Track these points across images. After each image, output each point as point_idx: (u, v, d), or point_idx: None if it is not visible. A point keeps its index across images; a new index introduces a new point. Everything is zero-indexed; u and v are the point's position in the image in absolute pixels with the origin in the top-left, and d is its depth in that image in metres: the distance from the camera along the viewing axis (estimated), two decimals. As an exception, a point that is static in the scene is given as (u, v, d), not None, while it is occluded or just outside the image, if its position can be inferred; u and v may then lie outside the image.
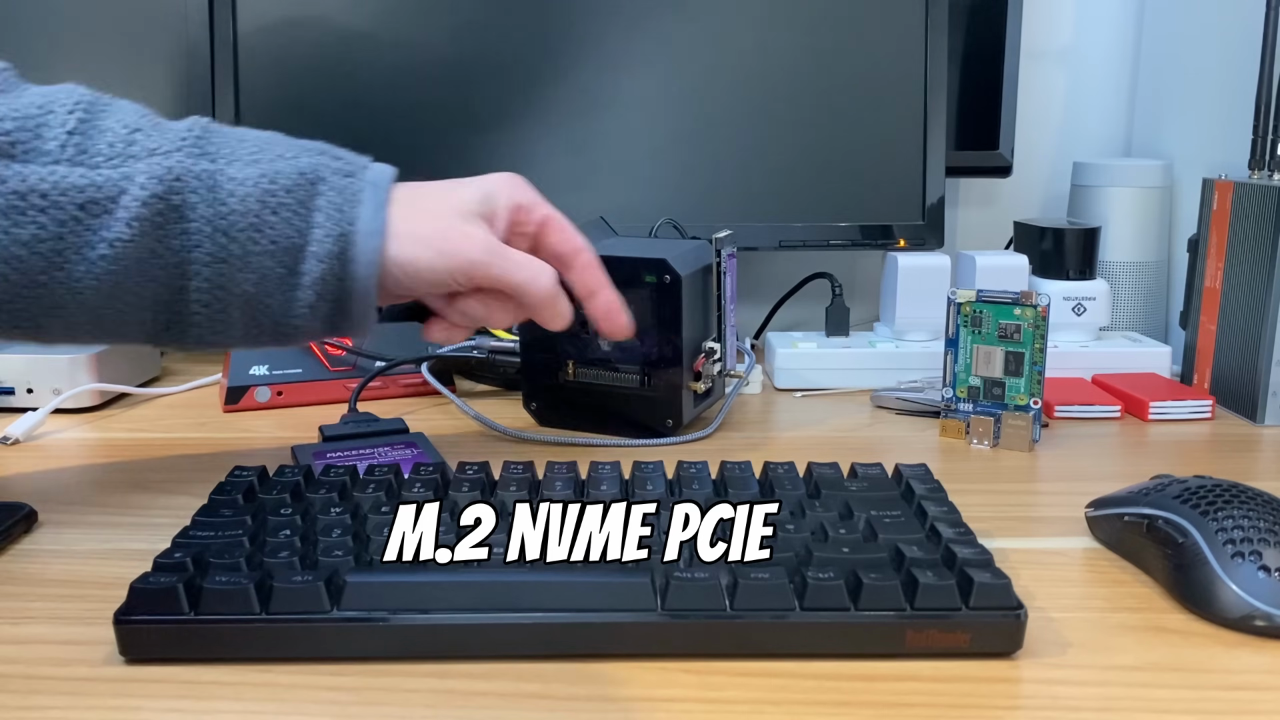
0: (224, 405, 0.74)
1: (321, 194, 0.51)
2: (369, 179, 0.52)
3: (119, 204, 0.48)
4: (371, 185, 0.52)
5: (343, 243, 0.50)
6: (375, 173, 0.53)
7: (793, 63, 0.83)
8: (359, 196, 0.51)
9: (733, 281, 0.68)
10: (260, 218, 0.49)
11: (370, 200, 0.51)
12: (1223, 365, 0.74)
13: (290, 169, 0.51)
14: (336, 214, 0.50)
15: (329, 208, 0.50)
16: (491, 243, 0.53)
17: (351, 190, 0.51)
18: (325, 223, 0.50)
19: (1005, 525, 0.53)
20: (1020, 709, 0.37)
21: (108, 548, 0.51)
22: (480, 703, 0.38)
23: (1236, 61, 0.82)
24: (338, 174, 0.51)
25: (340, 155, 0.53)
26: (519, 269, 0.54)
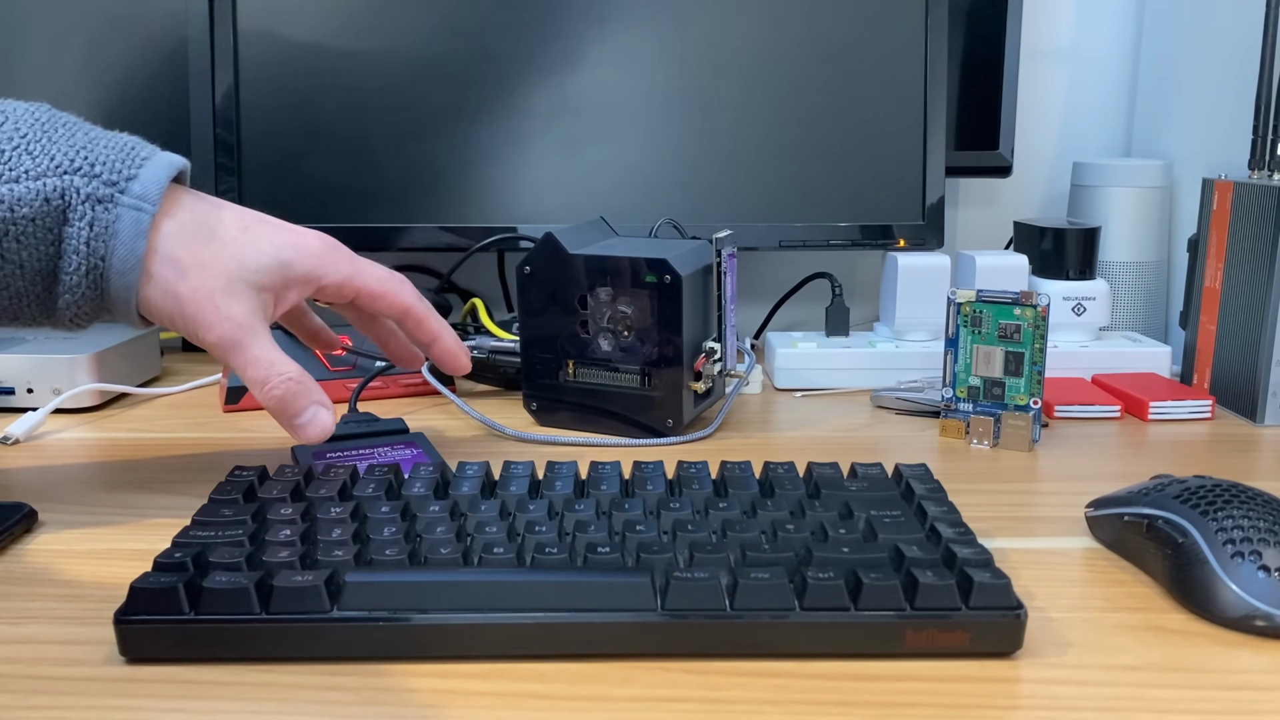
0: (224, 405, 0.74)
1: (70, 223, 0.47)
2: (128, 201, 0.48)
3: None
4: (131, 210, 0.48)
5: (94, 276, 0.48)
6: (142, 186, 0.49)
7: (793, 63, 0.83)
8: (113, 228, 0.48)
9: (733, 281, 0.68)
10: (3, 246, 0.47)
11: (127, 230, 0.48)
12: (1223, 365, 0.74)
13: (33, 194, 0.47)
14: (85, 249, 0.47)
15: (77, 241, 0.47)
16: (235, 331, 0.49)
17: (104, 221, 0.47)
18: (74, 257, 0.47)
19: (1005, 525, 0.53)
20: (1020, 709, 0.37)
21: (108, 548, 0.51)
22: (480, 703, 0.38)
23: (1236, 61, 0.82)
24: (89, 200, 0.47)
25: (98, 170, 0.48)
26: (250, 367, 0.50)
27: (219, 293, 0.49)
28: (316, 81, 0.83)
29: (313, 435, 0.52)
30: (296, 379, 0.51)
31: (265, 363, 0.50)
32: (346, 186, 0.84)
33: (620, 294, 0.65)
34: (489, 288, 0.99)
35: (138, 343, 0.79)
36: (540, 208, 0.84)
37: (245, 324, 0.50)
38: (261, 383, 0.50)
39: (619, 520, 0.46)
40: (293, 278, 0.52)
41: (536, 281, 0.67)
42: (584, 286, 0.66)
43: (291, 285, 0.52)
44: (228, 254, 0.50)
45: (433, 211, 0.84)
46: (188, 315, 0.49)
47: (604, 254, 0.66)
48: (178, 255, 0.49)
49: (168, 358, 0.88)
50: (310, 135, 0.83)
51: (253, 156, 0.83)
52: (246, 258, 0.50)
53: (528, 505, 0.48)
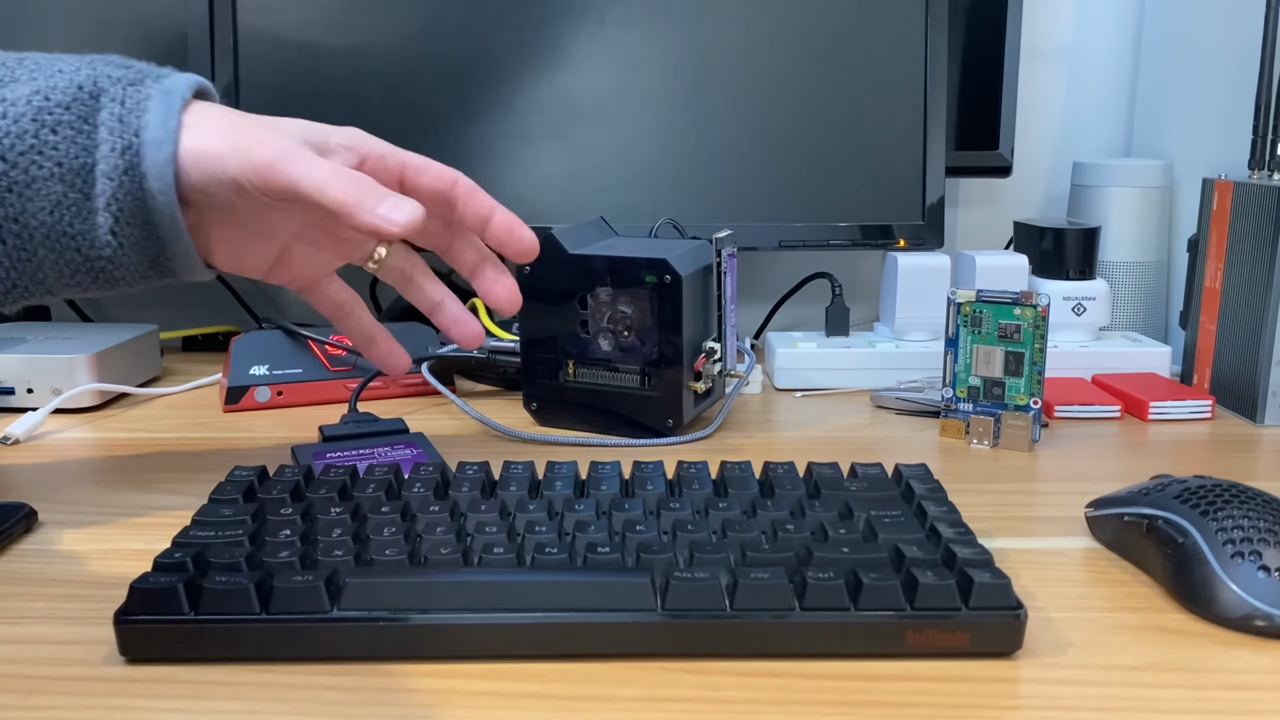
0: (224, 405, 0.74)
1: (104, 107, 0.46)
2: (159, 87, 0.48)
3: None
4: (162, 92, 0.47)
5: (129, 155, 0.46)
6: (172, 80, 0.48)
7: (793, 62, 0.83)
8: (144, 105, 0.47)
9: (733, 281, 0.68)
10: (39, 138, 0.45)
11: (158, 107, 0.47)
12: (1223, 365, 0.74)
13: (67, 83, 0.46)
14: (118, 125, 0.46)
15: (111, 120, 0.46)
16: (289, 146, 0.48)
17: (135, 99, 0.47)
18: (109, 137, 0.46)
19: (1005, 525, 0.53)
20: (1020, 709, 0.37)
21: (108, 548, 0.51)
22: (480, 703, 0.38)
23: (1236, 61, 0.82)
24: (120, 83, 0.47)
25: (130, 64, 0.48)
26: (312, 171, 0.47)
27: (261, 129, 0.48)
28: (316, 81, 0.83)
29: (404, 217, 0.48)
30: (352, 178, 0.48)
31: (322, 164, 0.48)
32: (346, 186, 0.84)
33: (620, 294, 0.65)
34: (489, 288, 0.99)
35: (138, 343, 0.79)
36: (540, 208, 0.84)
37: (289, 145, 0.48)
38: (327, 178, 0.47)
39: (619, 520, 0.46)
40: (334, 141, 0.51)
41: (536, 281, 0.67)
42: (584, 286, 0.66)
43: (333, 148, 0.51)
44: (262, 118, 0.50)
45: (433, 211, 0.84)
46: (232, 144, 0.47)
47: (604, 254, 0.66)
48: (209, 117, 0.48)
49: (168, 358, 0.88)
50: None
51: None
52: (280, 121, 0.50)
53: (528, 505, 0.48)
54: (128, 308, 1.02)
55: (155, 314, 1.02)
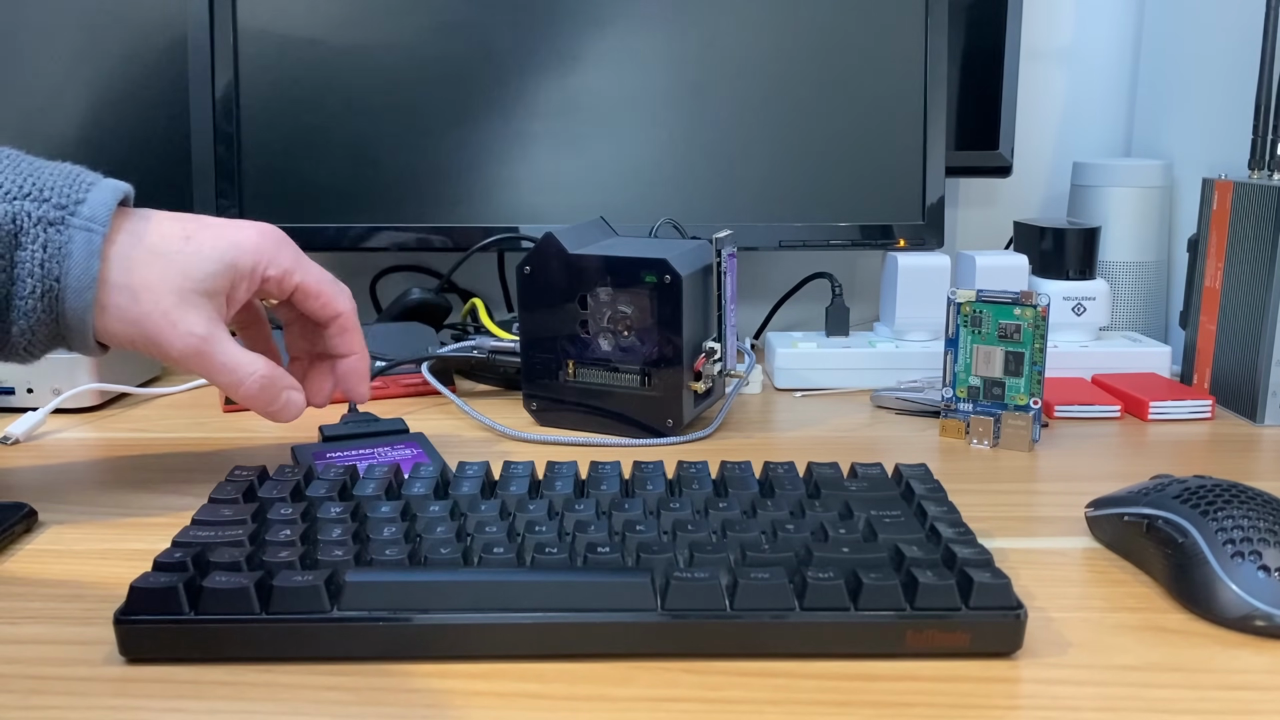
0: (224, 405, 0.74)
1: (23, 246, 0.48)
2: (78, 223, 0.49)
3: None
4: (83, 231, 0.49)
5: (49, 298, 0.49)
6: (90, 209, 0.49)
7: (793, 62, 0.83)
8: (65, 249, 0.48)
9: (733, 281, 0.68)
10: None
11: (79, 251, 0.49)
12: (1223, 365, 0.74)
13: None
14: (40, 270, 0.48)
15: (31, 263, 0.48)
16: (198, 343, 0.51)
17: (56, 243, 0.48)
18: (29, 279, 0.48)
19: (1005, 525, 0.53)
20: (1020, 709, 0.37)
21: (108, 548, 0.51)
22: (480, 703, 0.38)
23: (1236, 61, 0.82)
24: (41, 223, 0.48)
25: (47, 195, 0.49)
26: (220, 373, 0.52)
27: (173, 310, 0.50)
28: (316, 81, 0.83)
29: (289, 416, 0.55)
30: (264, 373, 0.53)
31: (233, 367, 0.52)
32: (346, 186, 0.84)
33: (620, 294, 0.65)
34: (489, 288, 0.99)
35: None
36: (540, 208, 0.84)
37: (204, 333, 0.51)
38: (235, 386, 0.53)
39: (619, 520, 0.46)
40: (239, 276, 0.53)
41: (536, 281, 0.67)
42: (584, 286, 0.66)
43: (239, 283, 0.53)
44: (174, 269, 0.51)
45: (433, 211, 0.84)
46: (149, 337, 0.51)
47: (604, 254, 0.66)
48: (127, 281, 0.50)
49: (168, 358, 0.88)
50: (310, 135, 0.83)
51: (252, 156, 0.83)
52: (192, 268, 0.51)
53: (528, 505, 0.48)
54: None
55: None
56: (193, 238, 0.52)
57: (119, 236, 0.51)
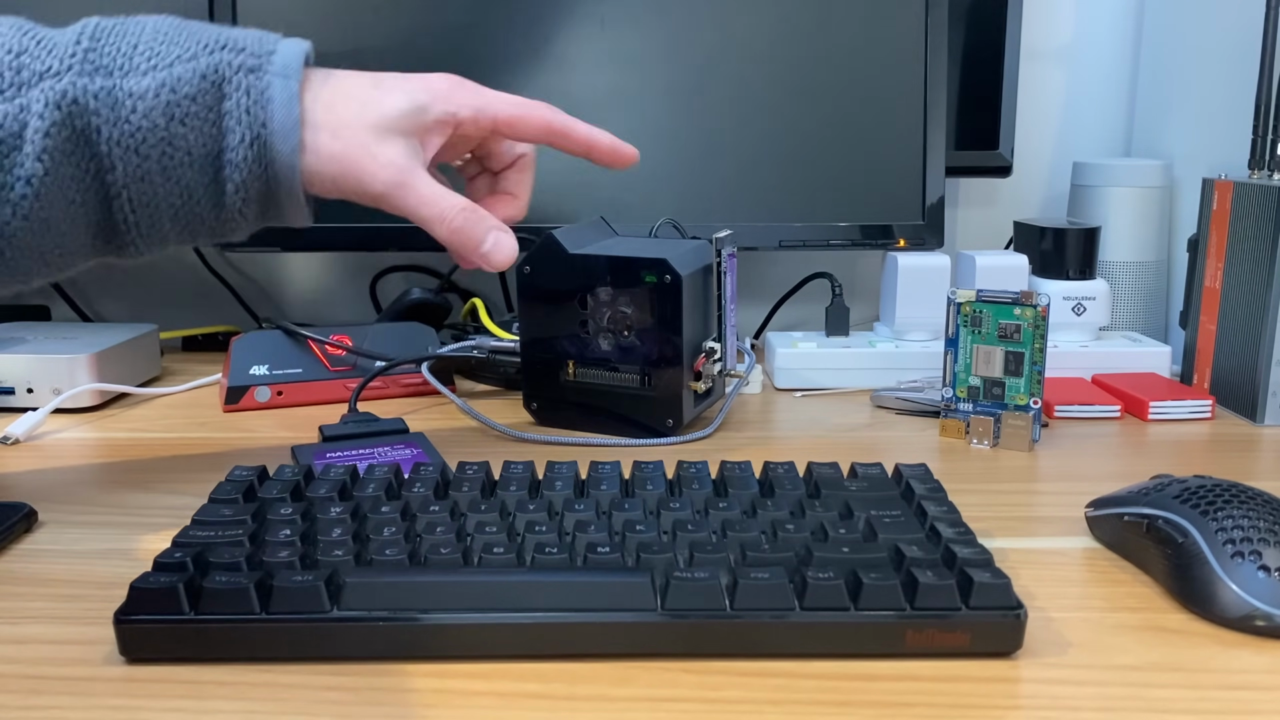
0: (224, 405, 0.74)
1: (228, 96, 0.48)
2: (275, 70, 0.50)
3: (24, 139, 0.46)
4: (280, 77, 0.49)
5: (259, 146, 0.49)
6: (283, 58, 0.50)
7: (793, 62, 0.83)
8: (267, 94, 0.49)
9: (733, 281, 0.68)
10: (170, 131, 0.48)
11: (280, 95, 0.49)
12: (1223, 365, 0.74)
13: (190, 73, 0.48)
14: (247, 117, 0.48)
15: (238, 111, 0.48)
16: (399, 174, 0.51)
17: (258, 89, 0.49)
18: (237, 128, 0.48)
19: (1005, 525, 0.53)
20: (1020, 709, 0.37)
21: (108, 548, 0.51)
22: (480, 703, 0.38)
23: (1236, 61, 0.82)
24: (241, 70, 0.49)
25: (242, 45, 0.50)
26: (423, 205, 0.52)
27: (373, 143, 0.51)
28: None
29: (500, 259, 0.54)
30: (470, 208, 0.53)
31: (435, 198, 0.52)
32: (346, 186, 0.84)
33: (620, 294, 0.65)
34: (489, 288, 0.99)
35: (138, 343, 0.79)
36: (540, 208, 0.84)
37: (405, 166, 0.51)
38: (439, 218, 0.52)
39: (619, 520, 0.46)
40: (430, 119, 0.53)
41: (536, 281, 0.67)
42: (584, 286, 0.66)
43: (431, 128, 0.53)
44: (368, 110, 0.51)
45: (433, 211, 0.84)
46: (349, 172, 0.51)
47: (604, 254, 0.66)
48: (324, 121, 0.51)
49: (168, 358, 0.88)
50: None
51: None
52: (385, 108, 0.52)
53: (528, 505, 0.48)
54: (128, 308, 1.02)
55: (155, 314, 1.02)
56: (381, 84, 0.53)
57: (311, 83, 0.51)
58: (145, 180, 0.48)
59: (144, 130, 0.47)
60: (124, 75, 0.47)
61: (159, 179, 0.48)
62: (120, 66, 0.48)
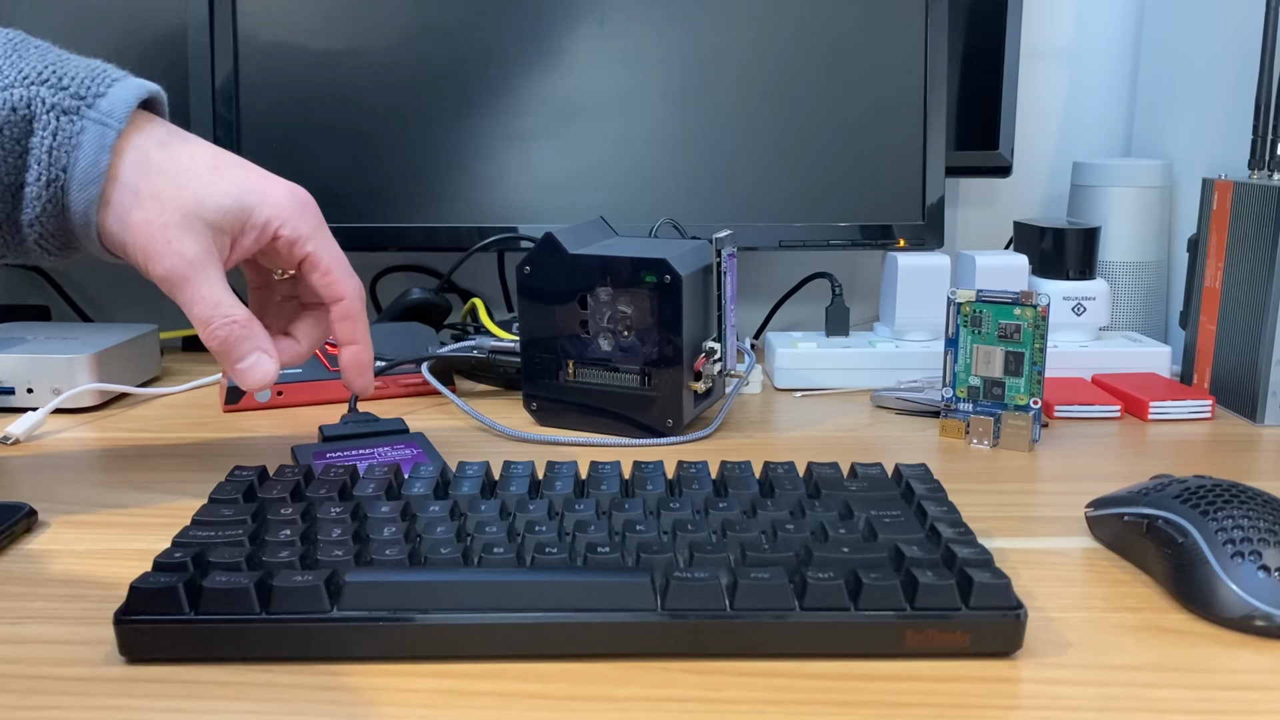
0: (224, 405, 0.74)
1: (34, 133, 0.47)
2: (94, 115, 0.48)
3: None
4: (97, 124, 0.48)
5: (54, 189, 0.48)
6: (110, 104, 0.48)
7: (793, 63, 0.83)
8: (76, 139, 0.47)
9: (733, 281, 0.68)
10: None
11: (90, 144, 0.47)
12: (1223, 365, 0.74)
13: (2, 104, 0.47)
14: (47, 158, 0.47)
15: (39, 150, 0.47)
16: (185, 268, 0.49)
17: (68, 132, 0.47)
18: (35, 166, 0.47)
19: (1005, 525, 0.53)
20: (1020, 709, 0.37)
21: (108, 548, 0.51)
22: (480, 703, 0.38)
23: (1236, 61, 0.82)
24: (54, 110, 0.47)
25: (66, 83, 0.48)
26: (195, 305, 0.49)
27: (173, 227, 0.49)
28: (316, 81, 0.83)
29: (253, 381, 0.52)
30: (241, 322, 0.51)
31: (211, 303, 0.50)
32: (346, 186, 0.84)
33: (620, 294, 0.65)
34: (489, 288, 0.99)
35: (138, 342, 0.79)
36: (540, 208, 0.84)
37: (196, 261, 0.49)
38: (206, 322, 0.50)
39: (619, 520, 0.46)
40: (251, 223, 0.51)
41: (536, 281, 0.67)
42: (584, 286, 0.66)
43: (249, 231, 0.51)
44: (189, 190, 0.49)
45: (433, 211, 0.84)
46: (139, 245, 0.49)
47: (604, 254, 0.66)
48: (136, 184, 0.48)
49: (168, 358, 0.88)
50: (310, 134, 0.83)
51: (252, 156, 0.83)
52: (208, 196, 0.49)
53: (528, 505, 0.48)
54: (128, 308, 1.02)
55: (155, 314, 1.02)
56: (221, 169, 0.50)
57: (138, 138, 0.49)
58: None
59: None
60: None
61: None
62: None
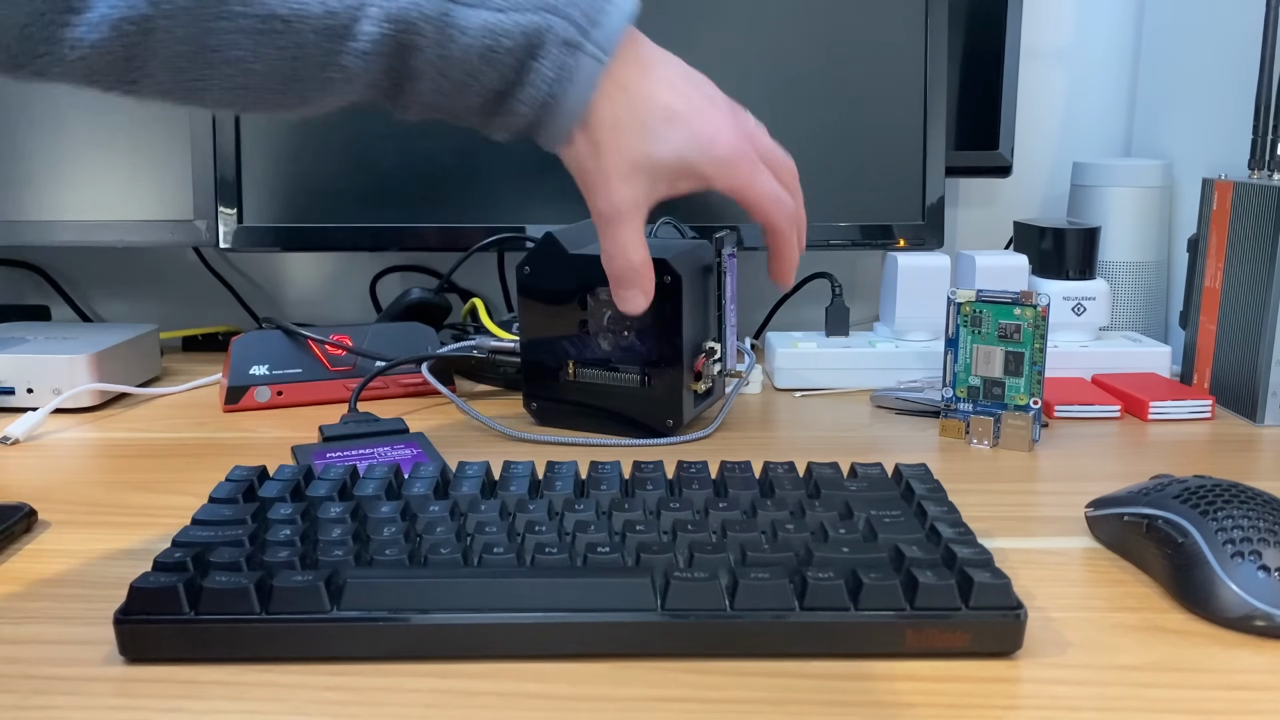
0: (224, 405, 0.74)
1: (538, 59, 0.50)
2: (590, 50, 0.51)
3: (352, 36, 0.48)
4: (591, 59, 0.51)
5: (542, 111, 0.51)
6: (604, 34, 0.52)
7: (793, 62, 0.83)
8: (571, 74, 0.51)
9: (733, 281, 0.68)
10: (477, 68, 0.50)
11: (584, 80, 0.51)
12: (1222, 365, 0.74)
13: (514, 26, 0.50)
14: (544, 86, 0.51)
15: (537, 79, 0.50)
16: (617, 214, 0.55)
17: (567, 67, 0.51)
18: (529, 88, 0.51)
19: (1005, 525, 0.53)
20: (1020, 709, 0.37)
21: (108, 548, 0.51)
22: (480, 703, 0.38)
23: (1236, 61, 0.82)
24: (560, 43, 0.50)
25: (573, 10, 0.51)
26: (612, 243, 0.56)
27: (616, 177, 0.54)
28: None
29: (625, 309, 0.58)
30: (635, 266, 0.57)
31: (620, 244, 0.56)
32: (346, 186, 0.84)
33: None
34: (489, 288, 0.99)
35: (138, 342, 0.79)
36: (540, 208, 0.84)
37: (625, 210, 0.55)
38: (609, 257, 0.57)
39: (619, 520, 0.46)
40: (689, 174, 0.56)
41: (536, 281, 0.67)
42: (584, 286, 0.66)
43: (685, 178, 0.56)
44: (640, 144, 0.54)
45: (433, 211, 0.84)
46: (584, 176, 0.55)
47: (604, 254, 0.65)
48: (599, 131, 0.53)
49: (168, 358, 0.88)
50: (311, 135, 0.83)
51: (253, 156, 0.83)
52: (655, 150, 0.54)
53: (528, 505, 0.48)
54: (128, 308, 1.02)
55: (155, 314, 1.02)
56: (672, 121, 0.54)
57: (620, 70, 0.53)
58: (438, 93, 0.50)
59: (457, 61, 0.49)
60: (467, 8, 0.49)
61: (449, 95, 0.51)
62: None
